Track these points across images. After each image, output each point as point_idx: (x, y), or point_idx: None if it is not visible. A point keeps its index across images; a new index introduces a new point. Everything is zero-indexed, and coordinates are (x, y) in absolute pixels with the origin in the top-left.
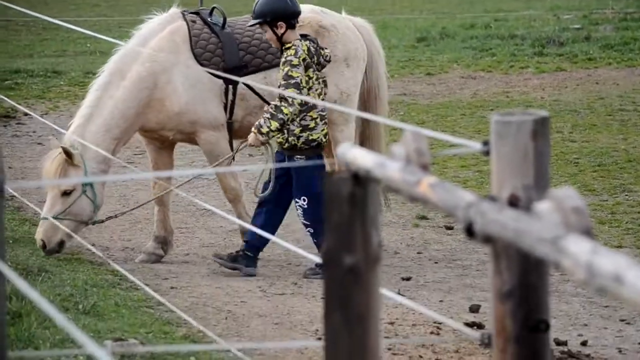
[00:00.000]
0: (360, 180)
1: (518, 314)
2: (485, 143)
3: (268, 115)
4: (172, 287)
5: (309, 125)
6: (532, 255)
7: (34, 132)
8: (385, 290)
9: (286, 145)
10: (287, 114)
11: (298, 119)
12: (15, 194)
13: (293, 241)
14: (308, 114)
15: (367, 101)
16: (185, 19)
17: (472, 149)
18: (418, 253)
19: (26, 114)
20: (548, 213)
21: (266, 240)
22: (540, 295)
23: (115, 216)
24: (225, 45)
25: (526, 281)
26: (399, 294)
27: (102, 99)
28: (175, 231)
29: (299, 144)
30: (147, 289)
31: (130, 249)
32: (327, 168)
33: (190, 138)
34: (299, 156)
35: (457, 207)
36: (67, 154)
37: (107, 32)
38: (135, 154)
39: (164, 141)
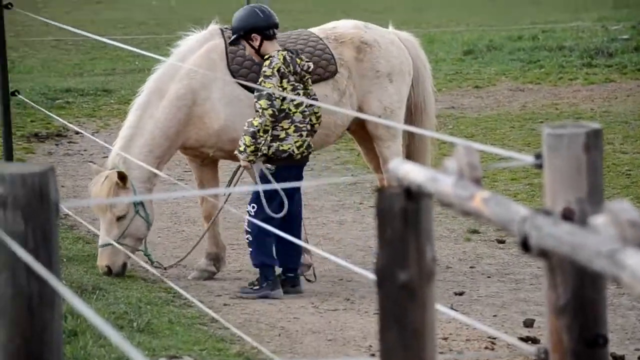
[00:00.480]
0: (413, 195)
1: (574, 329)
2: (538, 156)
3: (242, 133)
4: (225, 304)
5: (279, 135)
6: (589, 270)
7: (85, 150)
8: (438, 305)
9: (258, 155)
10: (257, 126)
11: (270, 130)
12: (68, 212)
13: (344, 257)
14: (279, 125)
15: (413, 115)
16: (223, 36)
17: (525, 162)
18: (470, 267)
19: (77, 133)
20: (604, 227)
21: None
22: (597, 309)
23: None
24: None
25: (582, 295)
26: (452, 308)
27: (143, 119)
28: (227, 247)
29: (269, 154)
30: (200, 305)
31: (183, 266)
32: (301, 188)
33: (231, 155)
34: (269, 165)
35: (512, 221)
36: (122, 177)
37: (156, 50)
38: (185, 171)
39: (204, 158)
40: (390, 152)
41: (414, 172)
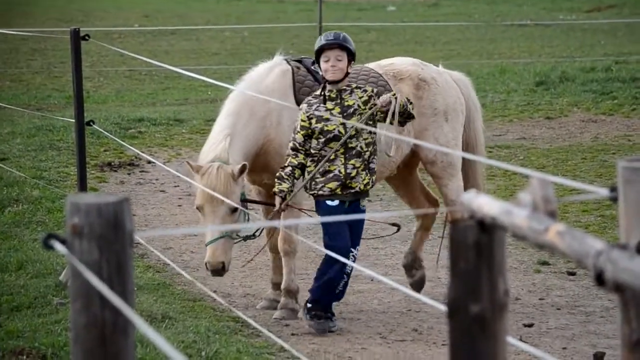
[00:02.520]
0: (486, 228)
1: None
2: (613, 189)
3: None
4: (293, 334)
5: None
6: None
7: (157, 179)
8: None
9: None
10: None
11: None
12: (141, 240)
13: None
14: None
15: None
16: (290, 65)
17: (599, 195)
18: (540, 299)
19: (149, 162)
20: None
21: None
22: None
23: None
24: None
25: None
26: (521, 340)
27: (237, 126)
28: (296, 277)
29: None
30: (269, 334)
31: (252, 295)
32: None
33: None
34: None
35: (587, 255)
36: (242, 170)
37: (228, 80)
38: None
39: (260, 184)
40: (448, 190)
41: (487, 205)
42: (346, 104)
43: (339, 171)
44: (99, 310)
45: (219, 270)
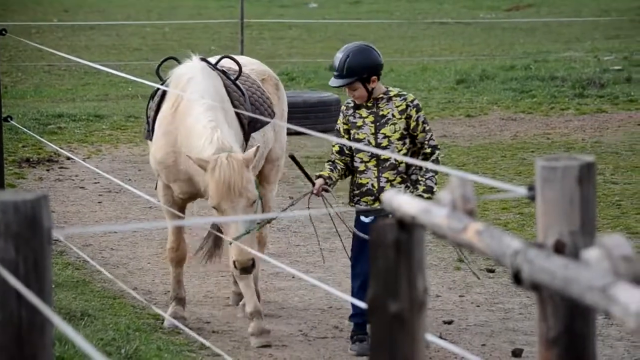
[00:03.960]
0: (406, 227)
1: None
2: (531, 188)
3: (434, 181)
4: (214, 331)
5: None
6: (580, 304)
7: (76, 176)
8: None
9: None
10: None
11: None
12: (60, 237)
13: (334, 284)
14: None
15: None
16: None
17: (518, 194)
18: (460, 296)
19: (69, 158)
20: (597, 261)
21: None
22: (586, 341)
23: (292, 204)
24: (245, 97)
25: (572, 328)
26: (440, 337)
27: (218, 117)
28: (217, 274)
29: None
30: (189, 332)
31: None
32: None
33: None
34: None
35: (504, 254)
36: (255, 154)
37: (149, 76)
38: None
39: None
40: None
41: (407, 204)
42: (381, 113)
43: (372, 185)
44: (15, 308)
45: (248, 268)
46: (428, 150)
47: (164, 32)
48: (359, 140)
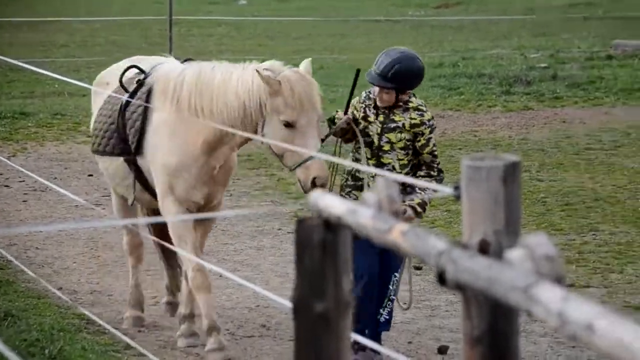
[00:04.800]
0: (332, 227)
1: (488, 359)
2: (456, 187)
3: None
4: (139, 331)
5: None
6: (504, 303)
7: (1, 174)
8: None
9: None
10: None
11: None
12: None
13: (262, 283)
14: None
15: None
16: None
17: (443, 193)
18: None
19: None
20: (520, 261)
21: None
22: (510, 340)
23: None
24: None
25: (496, 326)
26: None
27: None
28: (144, 274)
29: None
30: (114, 332)
31: (98, 292)
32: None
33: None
34: None
35: (429, 254)
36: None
37: (76, 73)
38: (103, 196)
39: None
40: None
41: (333, 204)
42: (392, 117)
43: (368, 184)
44: None
45: (325, 186)
46: (435, 174)
47: (93, 29)
48: (366, 134)
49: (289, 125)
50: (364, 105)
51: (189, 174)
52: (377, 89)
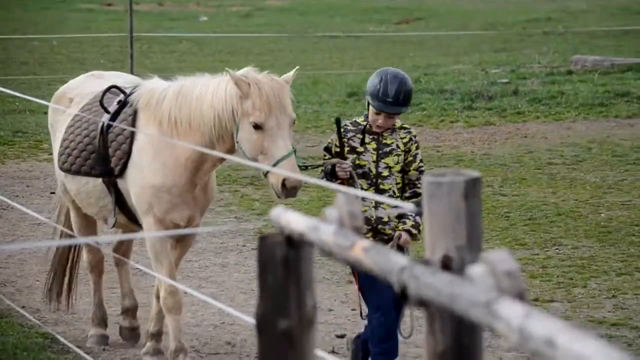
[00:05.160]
0: (294, 244)
1: None
2: (418, 204)
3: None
4: (103, 349)
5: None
6: (466, 319)
7: None
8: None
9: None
10: None
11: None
12: None
13: (227, 300)
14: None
15: None
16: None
17: (406, 210)
18: (352, 310)
19: None
20: (481, 277)
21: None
22: (474, 355)
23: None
24: None
25: (460, 342)
26: (333, 352)
27: None
28: (108, 292)
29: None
30: (78, 351)
31: (62, 311)
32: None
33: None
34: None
35: (391, 271)
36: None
37: (37, 90)
38: None
39: None
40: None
41: (295, 221)
42: (384, 141)
43: (370, 214)
44: None
45: (297, 188)
46: (420, 191)
47: (52, 46)
48: (360, 167)
49: (257, 127)
50: (346, 140)
51: (171, 195)
52: (375, 117)
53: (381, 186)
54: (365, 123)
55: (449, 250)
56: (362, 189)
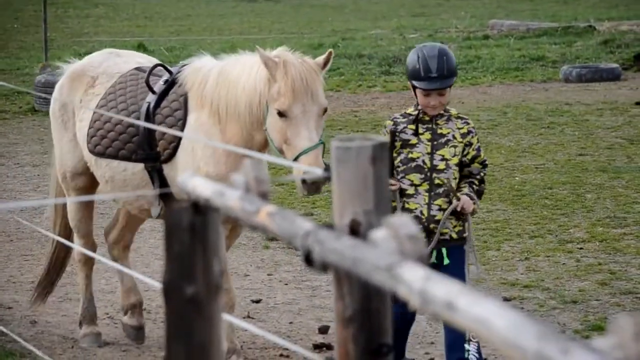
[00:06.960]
0: (200, 210)
1: (360, 339)
2: (327, 169)
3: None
4: (14, 319)
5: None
6: (370, 283)
7: None
8: (233, 315)
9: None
10: None
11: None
12: None
13: (142, 266)
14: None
15: None
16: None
17: (314, 175)
18: (268, 275)
19: None
20: (384, 241)
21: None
22: (381, 319)
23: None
24: None
25: (368, 306)
26: (248, 317)
27: None
28: (20, 259)
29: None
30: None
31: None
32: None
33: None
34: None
35: (296, 235)
36: (327, 59)
37: None
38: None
39: None
40: None
41: (201, 186)
42: (439, 131)
43: (421, 212)
44: None
45: (319, 184)
46: (477, 183)
47: None
48: (412, 160)
49: (282, 114)
50: (398, 132)
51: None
52: (425, 100)
53: (436, 180)
54: (416, 112)
55: (357, 214)
56: (414, 184)
